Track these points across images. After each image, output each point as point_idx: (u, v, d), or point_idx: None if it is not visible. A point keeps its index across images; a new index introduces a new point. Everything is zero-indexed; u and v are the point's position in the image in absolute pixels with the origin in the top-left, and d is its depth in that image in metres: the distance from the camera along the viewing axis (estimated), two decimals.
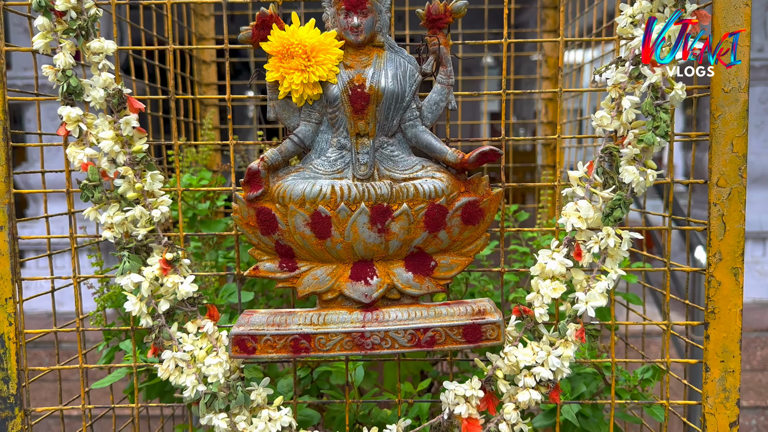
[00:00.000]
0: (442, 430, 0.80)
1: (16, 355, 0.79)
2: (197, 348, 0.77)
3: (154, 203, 0.76)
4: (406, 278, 0.77)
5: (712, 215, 0.77)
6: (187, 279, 0.76)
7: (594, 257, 0.75)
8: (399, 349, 0.75)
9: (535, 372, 0.75)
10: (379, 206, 0.74)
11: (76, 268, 0.81)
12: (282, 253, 0.77)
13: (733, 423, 0.78)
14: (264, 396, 0.79)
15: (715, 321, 0.78)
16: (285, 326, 0.76)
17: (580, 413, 0.89)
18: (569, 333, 0.74)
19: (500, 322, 0.75)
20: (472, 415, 0.77)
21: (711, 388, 0.78)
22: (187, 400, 0.77)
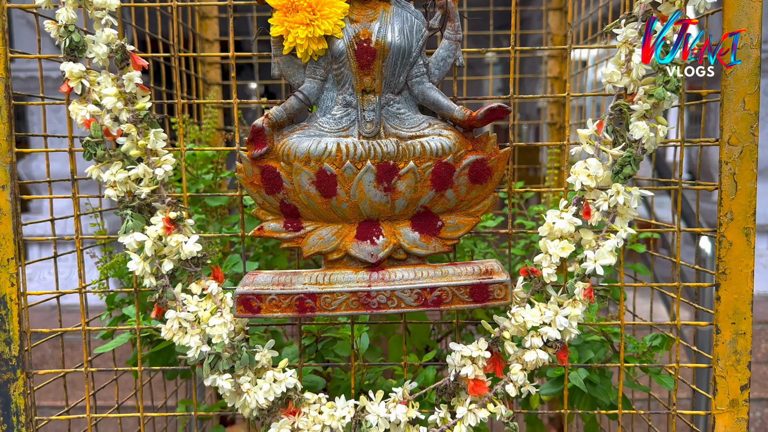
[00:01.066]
0: (448, 392, 0.79)
1: (18, 316, 0.78)
2: (201, 309, 0.76)
3: (157, 162, 0.75)
4: (412, 238, 0.76)
5: (724, 174, 0.76)
6: (191, 238, 0.75)
7: (603, 216, 0.74)
8: (405, 309, 0.74)
9: (542, 332, 0.74)
10: (385, 164, 0.73)
11: (79, 229, 0.80)
12: (287, 213, 0.76)
13: (744, 386, 0.77)
14: (269, 358, 0.78)
15: (726, 282, 0.77)
16: (290, 286, 0.75)
17: (587, 380, 0.88)
18: (577, 292, 0.73)
19: (507, 281, 0.74)
20: (479, 376, 0.76)
21: (722, 351, 0.77)
22: (190, 361, 0.76)
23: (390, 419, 0.77)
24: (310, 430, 0.76)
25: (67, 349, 1.97)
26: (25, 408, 0.79)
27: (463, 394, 0.78)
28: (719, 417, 0.78)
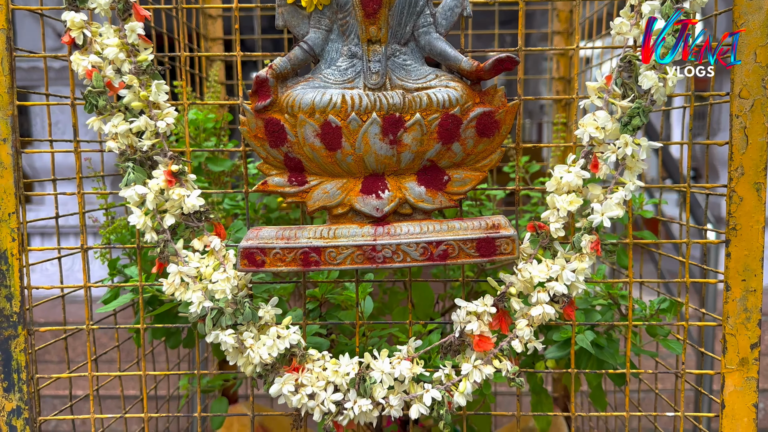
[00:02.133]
0: (453, 350, 0.78)
1: (20, 272, 0.77)
2: (204, 266, 0.75)
3: (159, 115, 0.74)
4: (418, 192, 0.75)
5: (734, 128, 0.75)
6: (193, 192, 0.74)
7: (611, 170, 0.73)
8: (411, 263, 0.73)
9: (549, 287, 0.73)
10: (391, 116, 0.72)
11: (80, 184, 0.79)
12: (291, 167, 0.75)
13: (755, 344, 0.76)
14: (272, 315, 0.77)
15: (737, 238, 0.75)
16: (294, 240, 0.74)
17: (594, 343, 0.87)
18: (584, 245, 0.72)
19: (515, 236, 0.73)
20: (484, 332, 0.75)
21: (732, 308, 0.76)
22: (192, 317, 0.75)
23: (394, 375, 0.76)
24: (314, 386, 0.75)
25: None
26: (26, 365, 0.78)
27: (468, 351, 0.77)
28: (729, 376, 0.77)
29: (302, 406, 0.76)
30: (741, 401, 0.77)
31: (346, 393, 0.76)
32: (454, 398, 0.75)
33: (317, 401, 0.75)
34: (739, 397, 0.77)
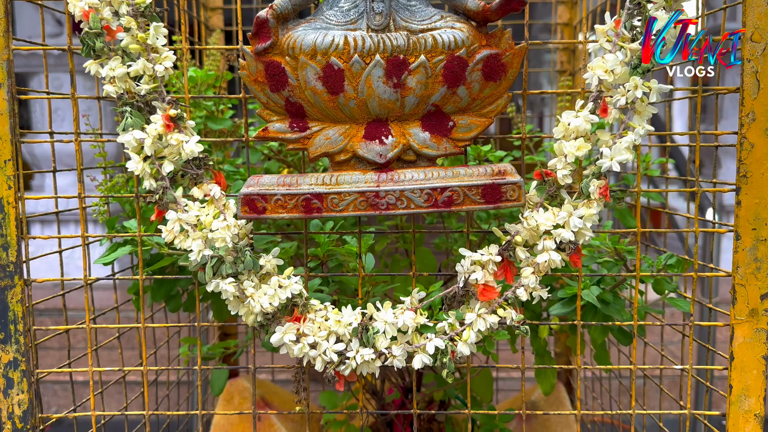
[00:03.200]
0: (457, 300, 0.77)
1: (16, 221, 0.76)
2: (204, 214, 0.74)
3: (157, 59, 0.73)
4: (422, 138, 0.73)
5: (746, 73, 0.73)
6: (192, 138, 0.73)
7: (621, 114, 0.71)
8: (415, 210, 0.71)
9: (555, 234, 0.71)
10: (394, 58, 0.70)
11: (78, 127, 0.78)
12: (292, 113, 0.74)
13: (765, 295, 0.75)
14: (274, 264, 0.76)
15: (747, 186, 0.74)
16: (296, 186, 0.72)
17: (600, 298, 0.86)
18: (592, 190, 0.71)
19: (521, 182, 0.72)
20: (489, 282, 0.74)
21: (741, 258, 0.75)
22: (192, 266, 0.74)
23: (398, 325, 0.75)
24: (316, 336, 0.74)
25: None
26: (23, 316, 0.77)
27: (472, 302, 0.76)
28: (738, 327, 0.76)
29: (304, 355, 0.74)
30: (750, 353, 0.75)
31: (348, 343, 0.75)
32: (457, 347, 0.74)
33: (319, 351, 0.74)
34: (749, 348, 0.75)
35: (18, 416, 0.77)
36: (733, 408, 0.76)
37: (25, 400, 0.77)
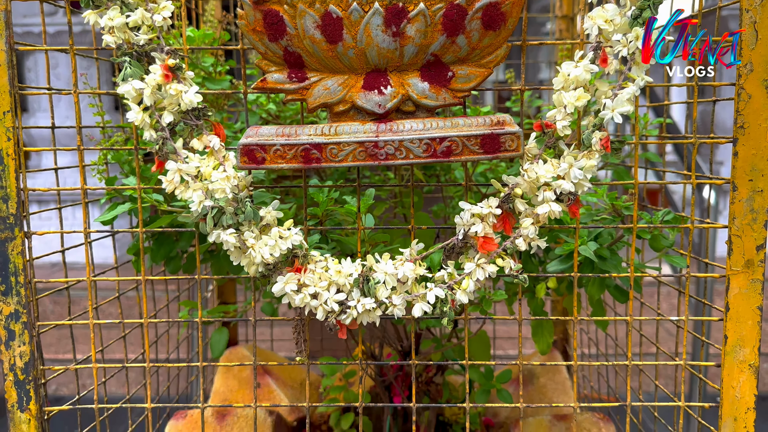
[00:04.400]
0: (456, 252, 0.77)
1: (16, 173, 0.76)
2: (204, 166, 0.74)
3: (155, 9, 0.72)
4: (421, 88, 0.73)
5: (744, 22, 0.73)
6: (191, 88, 0.73)
7: (621, 65, 0.71)
8: (414, 160, 0.72)
9: (555, 185, 0.72)
10: (393, 6, 0.70)
11: (77, 81, 0.78)
12: (291, 63, 0.73)
13: (760, 246, 0.76)
14: (274, 216, 0.76)
15: (744, 137, 0.74)
16: (295, 136, 0.72)
17: (597, 254, 0.86)
18: (594, 142, 0.71)
19: (520, 132, 0.72)
20: (488, 234, 0.74)
21: (738, 209, 0.75)
22: (194, 217, 0.74)
23: (397, 276, 0.75)
24: (317, 286, 0.75)
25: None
26: (23, 268, 0.77)
27: (471, 252, 0.76)
28: (734, 278, 0.76)
29: (305, 305, 0.75)
30: (746, 304, 0.76)
31: (349, 293, 0.75)
32: (456, 296, 0.75)
33: (320, 300, 0.75)
34: (744, 299, 0.76)
35: (20, 368, 0.78)
36: (728, 358, 0.77)
37: (26, 351, 0.78)
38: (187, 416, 1.21)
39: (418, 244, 0.78)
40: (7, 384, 0.79)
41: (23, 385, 0.78)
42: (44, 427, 0.81)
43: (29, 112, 3.76)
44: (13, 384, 0.78)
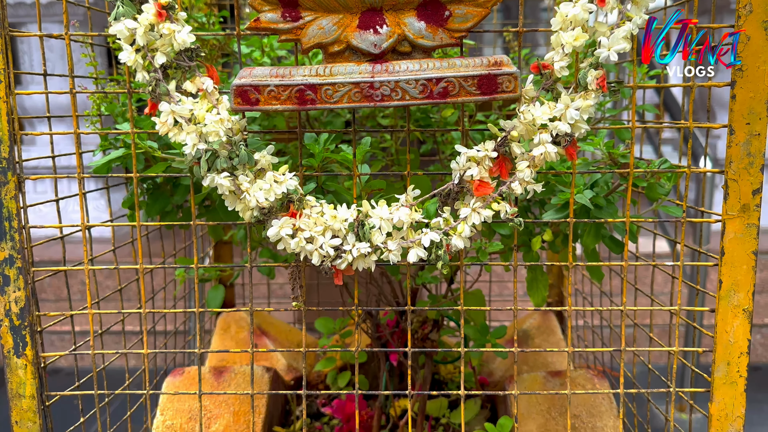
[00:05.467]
0: (452, 197, 0.77)
1: (7, 116, 0.75)
2: (197, 109, 0.73)
3: None
4: (417, 28, 0.72)
5: None
6: (184, 28, 0.72)
7: (618, 4, 0.70)
8: (410, 101, 0.71)
9: (552, 127, 0.71)
10: None
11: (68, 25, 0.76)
12: (285, 2, 0.72)
13: (756, 190, 0.76)
14: (269, 160, 0.75)
15: (743, 80, 0.74)
16: (289, 77, 0.71)
17: (593, 202, 0.86)
18: (590, 81, 0.70)
19: (517, 73, 0.72)
20: (484, 178, 0.74)
21: (735, 153, 0.75)
22: (187, 161, 0.74)
23: (393, 221, 0.75)
24: (312, 231, 0.74)
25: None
26: (17, 213, 0.77)
27: (467, 198, 0.76)
28: (729, 222, 0.76)
29: (300, 249, 0.75)
30: (741, 248, 0.76)
31: (344, 238, 0.75)
32: (452, 241, 0.75)
33: (316, 245, 0.74)
34: (739, 244, 0.76)
35: (15, 313, 0.78)
36: (723, 303, 0.78)
37: (21, 297, 0.78)
38: (185, 373, 1.22)
39: (414, 190, 0.78)
40: (3, 330, 0.79)
41: (19, 331, 0.78)
42: (41, 374, 0.81)
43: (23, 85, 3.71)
44: (9, 330, 0.79)
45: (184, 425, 1.13)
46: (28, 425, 0.80)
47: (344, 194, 0.93)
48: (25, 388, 0.79)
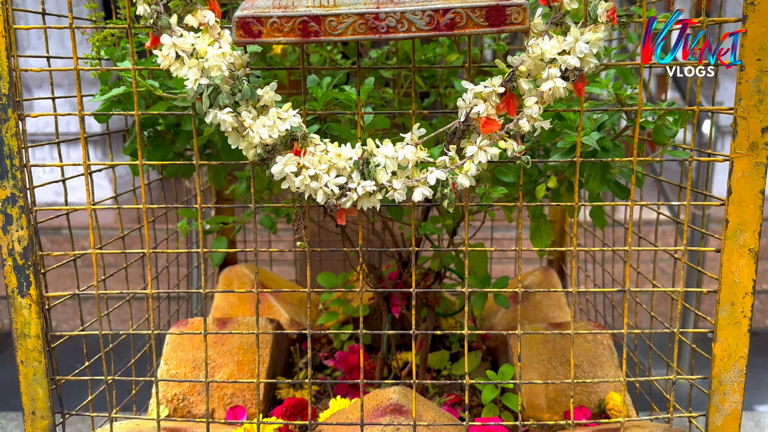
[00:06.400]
0: (457, 136, 0.76)
1: (6, 51, 0.74)
2: (199, 43, 0.72)
3: None
4: None
5: None
6: None
7: None
8: (416, 33, 0.70)
9: (561, 60, 0.70)
10: None
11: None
12: None
13: (766, 128, 0.75)
14: (272, 97, 0.74)
15: (754, 14, 0.72)
16: (293, 8, 0.70)
17: (600, 145, 0.85)
18: (599, 13, 0.69)
19: (526, 4, 0.70)
20: (491, 115, 0.73)
21: (744, 90, 0.74)
22: (189, 96, 0.72)
23: (398, 159, 0.74)
24: (316, 168, 0.74)
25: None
26: (18, 150, 0.76)
27: (473, 136, 0.75)
28: (737, 161, 0.76)
29: (305, 188, 0.74)
30: (748, 187, 0.76)
31: (349, 176, 0.75)
32: (458, 179, 0.74)
33: (320, 183, 0.74)
34: (747, 182, 0.76)
35: (18, 252, 0.78)
36: (729, 242, 0.77)
37: (24, 236, 0.78)
38: (188, 324, 1.22)
39: (419, 129, 0.77)
40: (7, 269, 0.79)
41: (23, 270, 0.78)
42: (46, 314, 0.81)
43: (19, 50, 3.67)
44: (12, 269, 0.78)
45: (188, 374, 1.14)
46: (33, 365, 0.80)
47: (348, 137, 0.92)
48: (30, 327, 0.79)
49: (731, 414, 0.80)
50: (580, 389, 1.10)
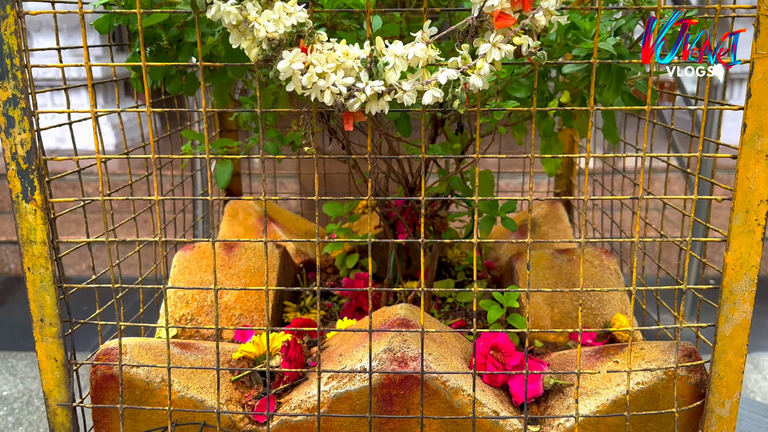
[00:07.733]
0: (470, 34, 0.73)
1: None
2: None
3: None
4: None
5: None
6: None
7: None
8: None
9: None
10: None
11: None
12: None
13: None
14: None
15: None
16: None
17: (617, 52, 0.83)
18: None
19: None
20: (505, 9, 0.70)
21: None
22: None
23: (408, 57, 0.72)
24: (324, 67, 0.72)
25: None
26: (18, 50, 0.74)
27: (486, 34, 0.73)
28: (759, 62, 0.73)
29: (312, 87, 0.72)
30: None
31: (357, 77, 0.72)
32: (470, 80, 0.72)
33: (328, 82, 0.72)
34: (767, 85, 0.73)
35: (22, 156, 0.77)
36: (746, 148, 0.75)
37: (27, 139, 0.76)
38: (195, 248, 1.22)
39: (431, 27, 0.74)
40: (10, 173, 0.77)
41: (26, 175, 0.77)
42: (51, 221, 0.81)
43: None
44: (16, 173, 0.77)
45: (195, 295, 1.14)
46: (40, 271, 0.80)
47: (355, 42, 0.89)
48: (36, 233, 0.79)
49: (741, 323, 0.80)
50: (586, 312, 1.10)
